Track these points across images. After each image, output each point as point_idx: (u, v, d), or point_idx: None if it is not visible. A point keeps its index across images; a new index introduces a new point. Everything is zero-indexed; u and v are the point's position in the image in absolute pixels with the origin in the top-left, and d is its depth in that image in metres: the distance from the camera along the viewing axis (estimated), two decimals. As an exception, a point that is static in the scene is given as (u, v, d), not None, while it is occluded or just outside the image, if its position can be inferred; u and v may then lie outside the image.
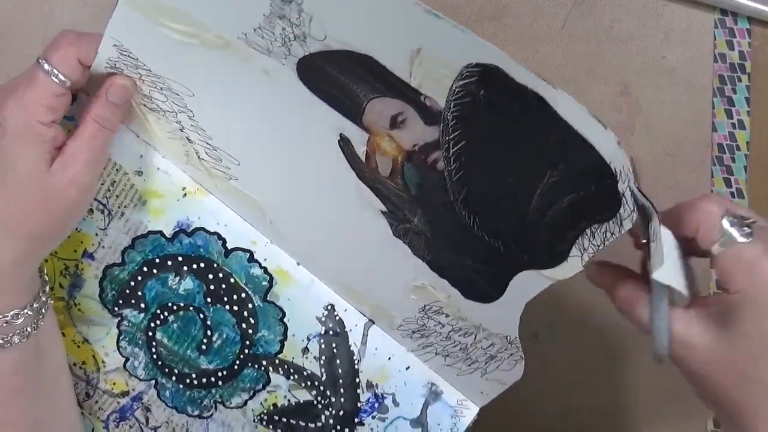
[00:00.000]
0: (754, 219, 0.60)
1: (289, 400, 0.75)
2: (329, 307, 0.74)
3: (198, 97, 0.67)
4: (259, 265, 0.73)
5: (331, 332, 0.74)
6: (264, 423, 0.76)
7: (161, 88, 0.67)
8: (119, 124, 0.68)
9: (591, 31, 0.82)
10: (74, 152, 0.63)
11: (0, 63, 0.85)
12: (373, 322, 0.74)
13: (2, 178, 0.61)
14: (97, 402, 0.77)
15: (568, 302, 0.83)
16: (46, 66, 0.61)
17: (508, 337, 0.70)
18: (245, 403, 0.76)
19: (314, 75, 0.64)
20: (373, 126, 0.65)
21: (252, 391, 0.75)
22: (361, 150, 0.66)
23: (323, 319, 0.74)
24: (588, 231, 0.63)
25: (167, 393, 0.76)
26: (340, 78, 0.63)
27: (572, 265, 0.65)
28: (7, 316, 0.63)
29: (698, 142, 0.84)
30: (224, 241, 0.73)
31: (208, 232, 0.73)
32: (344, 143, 0.66)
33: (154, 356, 0.75)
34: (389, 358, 0.75)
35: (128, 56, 0.65)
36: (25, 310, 0.64)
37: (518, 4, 0.83)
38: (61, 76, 0.62)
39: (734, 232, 0.60)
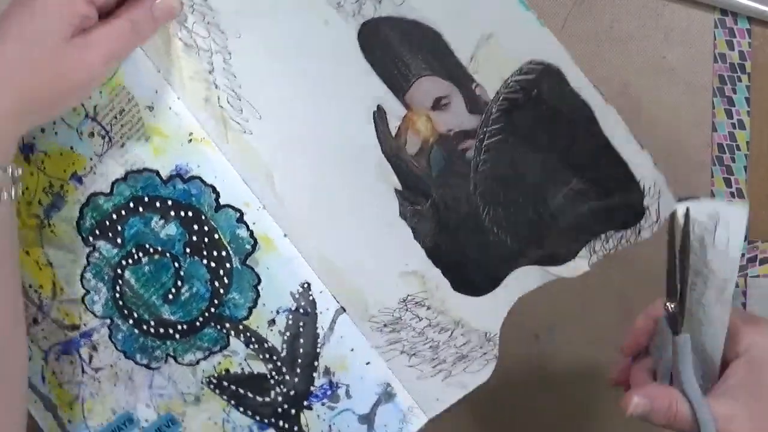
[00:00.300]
0: None
1: (242, 369, 0.74)
2: (305, 285, 0.73)
3: (244, 40, 0.68)
4: (247, 227, 0.72)
5: (301, 310, 0.73)
6: (212, 386, 0.74)
7: (208, 23, 0.68)
8: (148, 39, 0.68)
9: (591, 31, 0.84)
10: (100, 39, 0.63)
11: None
12: (344, 310, 0.74)
13: (21, 27, 0.61)
14: (43, 330, 0.75)
15: (568, 302, 0.84)
16: None
17: (488, 334, 0.72)
18: (198, 362, 0.74)
19: (374, 39, 0.66)
20: (415, 103, 0.67)
21: (208, 352, 0.74)
22: (394, 124, 0.68)
23: (297, 295, 0.73)
24: (603, 235, 0.65)
25: (120, 336, 0.74)
26: (398, 48, 0.66)
27: (578, 265, 0.68)
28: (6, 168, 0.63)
29: (698, 142, 0.85)
30: (218, 195, 0.72)
31: (204, 182, 0.72)
32: (379, 114, 0.68)
33: (117, 295, 0.73)
34: (352, 349, 0.74)
35: None
36: (15, 169, 0.64)
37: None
38: None
39: None
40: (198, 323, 0.73)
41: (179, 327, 0.74)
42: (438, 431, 0.77)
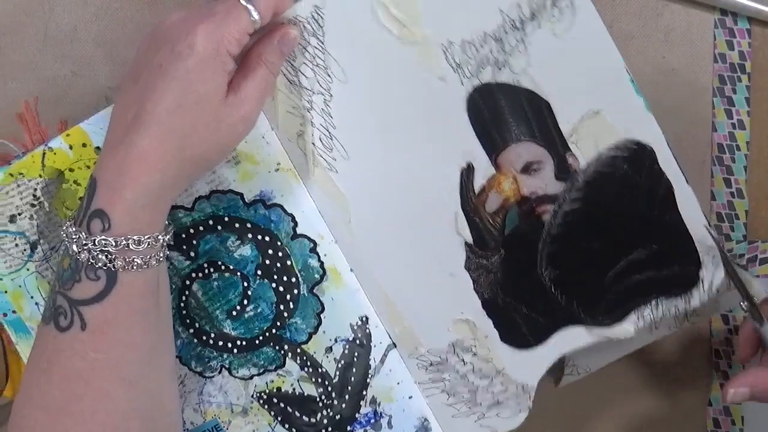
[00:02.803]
0: None
1: (294, 389, 0.78)
2: (364, 319, 0.78)
3: (349, 85, 0.72)
4: (318, 258, 0.77)
5: (357, 341, 0.78)
6: (261, 401, 0.78)
7: (317, 65, 0.72)
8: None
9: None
10: (248, 91, 0.67)
11: (0, 63, 0.85)
12: (395, 346, 0.78)
13: (182, 98, 0.63)
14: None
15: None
16: (248, 5, 0.65)
17: (525, 386, 0.78)
18: (251, 377, 0.78)
19: (483, 101, 0.71)
20: (505, 164, 0.73)
21: (263, 369, 0.78)
22: (479, 182, 0.73)
23: (355, 327, 0.78)
24: (654, 302, 0.73)
25: (178, 342, 0.77)
26: (505, 112, 0.71)
27: (625, 329, 0.75)
28: (158, 236, 0.65)
29: (698, 142, 0.86)
30: (295, 225, 0.76)
31: (284, 210, 0.76)
32: (467, 171, 0.73)
33: (182, 305, 0.77)
34: (398, 383, 0.79)
35: (316, 21, 0.71)
36: (165, 235, 0.66)
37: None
38: (256, 16, 0.66)
39: None
40: (257, 341, 0.77)
41: (238, 342, 0.77)
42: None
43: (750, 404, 0.85)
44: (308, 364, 0.78)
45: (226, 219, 0.76)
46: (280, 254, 0.76)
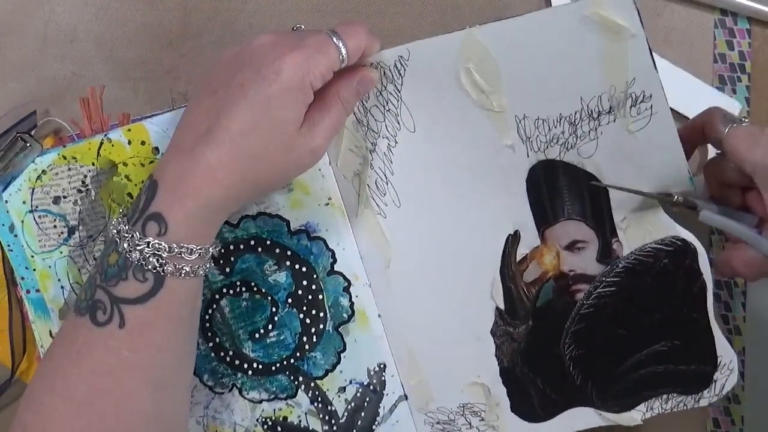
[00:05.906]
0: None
1: (300, 421, 0.78)
2: (381, 366, 0.78)
3: (416, 136, 0.74)
4: (350, 298, 0.77)
5: (371, 387, 0.78)
6: (265, 427, 0.79)
7: (388, 110, 0.73)
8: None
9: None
10: (322, 126, 0.67)
11: (0, 63, 0.86)
12: (406, 398, 0.79)
13: (259, 121, 0.64)
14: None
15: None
16: (339, 43, 0.66)
17: None
18: (260, 401, 0.78)
19: (544, 175, 0.73)
20: (551, 239, 0.74)
21: (273, 396, 0.78)
22: (521, 251, 0.75)
23: (372, 372, 0.78)
24: (665, 396, 0.74)
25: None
26: (562, 190, 0.73)
27: (632, 417, 0.76)
28: (209, 248, 0.66)
29: None
30: (334, 261, 0.77)
31: (326, 245, 0.77)
32: (513, 238, 0.75)
33: (206, 317, 0.77)
34: (402, 435, 0.79)
35: (397, 70, 0.72)
36: (214, 248, 0.67)
37: (519, 4, 0.86)
38: (344, 55, 0.66)
39: (736, 120, 0.69)
40: (274, 368, 0.78)
41: (255, 365, 0.78)
42: None
43: (750, 404, 0.84)
44: (319, 399, 0.78)
45: (268, 242, 0.76)
46: (313, 287, 0.77)
